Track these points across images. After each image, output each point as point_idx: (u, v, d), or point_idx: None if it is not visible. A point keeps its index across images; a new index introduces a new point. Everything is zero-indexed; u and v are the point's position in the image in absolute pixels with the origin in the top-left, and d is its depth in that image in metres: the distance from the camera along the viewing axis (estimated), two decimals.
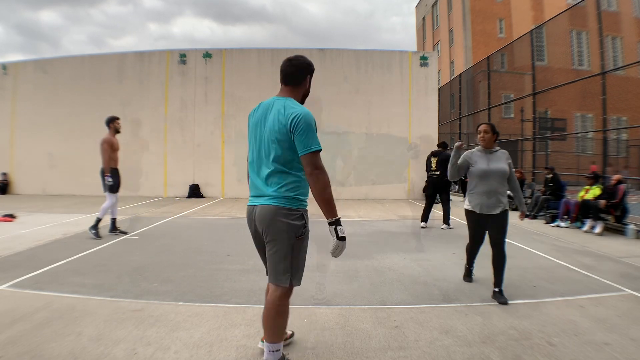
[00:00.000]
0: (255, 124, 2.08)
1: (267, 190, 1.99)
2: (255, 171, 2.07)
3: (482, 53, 20.06)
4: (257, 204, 2.03)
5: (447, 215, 6.94)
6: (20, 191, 12.82)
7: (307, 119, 1.92)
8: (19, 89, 13.01)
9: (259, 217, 2.00)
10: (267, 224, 1.98)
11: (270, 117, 1.99)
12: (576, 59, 11.60)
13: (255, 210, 2.03)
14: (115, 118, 5.84)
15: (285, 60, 2.09)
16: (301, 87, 2.10)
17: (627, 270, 4.28)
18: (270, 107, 2.02)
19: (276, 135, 1.94)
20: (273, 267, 2.01)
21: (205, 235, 6.20)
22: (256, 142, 2.06)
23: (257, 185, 2.05)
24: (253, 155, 2.08)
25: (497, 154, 3.43)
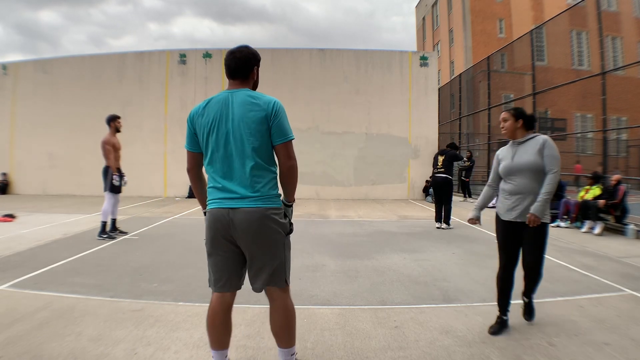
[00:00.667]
0: (213, 120, 1.85)
1: (247, 191, 1.83)
2: (222, 171, 1.86)
3: (482, 53, 20.06)
4: (235, 207, 1.82)
5: (448, 215, 6.92)
6: (20, 191, 12.82)
7: (282, 107, 1.88)
8: (19, 89, 13.01)
9: (244, 222, 1.81)
10: (255, 229, 1.82)
11: (238, 110, 1.83)
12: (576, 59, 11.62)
13: (232, 214, 1.82)
14: (115, 117, 5.79)
15: (228, 53, 1.95)
16: (250, 79, 1.97)
17: (627, 270, 4.28)
18: (229, 101, 1.86)
19: (253, 127, 1.82)
20: (269, 271, 1.88)
21: None
22: (220, 140, 1.84)
23: (228, 186, 1.85)
24: (215, 155, 1.86)
25: (528, 144, 2.69)
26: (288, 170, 1.89)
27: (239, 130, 1.83)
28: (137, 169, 12.40)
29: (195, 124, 1.91)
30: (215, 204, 1.87)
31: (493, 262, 4.54)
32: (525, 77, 10.92)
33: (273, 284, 1.91)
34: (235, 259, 1.91)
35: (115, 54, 13.25)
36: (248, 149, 1.83)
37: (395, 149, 12.42)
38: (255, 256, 1.87)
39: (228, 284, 1.93)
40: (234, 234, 1.84)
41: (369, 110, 12.48)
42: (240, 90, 1.90)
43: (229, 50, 1.96)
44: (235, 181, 1.85)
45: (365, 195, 12.35)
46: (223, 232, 1.85)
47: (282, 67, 12.55)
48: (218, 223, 1.85)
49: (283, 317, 1.94)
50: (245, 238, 1.83)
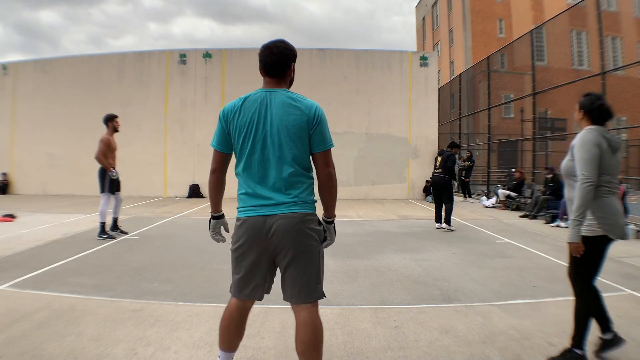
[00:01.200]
0: (250, 121, 1.74)
1: (284, 197, 1.73)
2: (257, 177, 1.77)
3: (482, 53, 20.06)
4: (272, 213, 1.72)
5: (448, 214, 6.80)
6: (20, 191, 12.82)
7: (323, 113, 1.78)
8: (19, 89, 13.01)
9: (282, 229, 1.70)
10: (293, 236, 1.71)
11: (277, 112, 1.72)
12: (576, 59, 11.61)
13: (269, 221, 1.71)
14: (113, 116, 5.73)
15: (264, 48, 1.82)
16: (287, 76, 1.85)
17: (627, 270, 4.28)
18: (267, 101, 1.75)
19: (293, 132, 1.71)
20: (304, 283, 1.74)
21: (205, 235, 6.18)
22: (257, 143, 1.74)
23: (263, 193, 1.75)
24: (251, 159, 1.76)
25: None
26: (327, 178, 1.78)
27: (277, 135, 1.72)
28: (137, 169, 12.42)
29: (229, 123, 1.79)
30: (249, 212, 1.77)
31: (493, 262, 4.56)
32: (525, 77, 10.93)
33: (308, 299, 1.76)
34: (264, 269, 1.81)
35: (115, 54, 13.26)
36: (287, 154, 1.72)
37: (395, 149, 12.42)
38: (291, 264, 1.74)
39: (252, 294, 1.86)
40: (270, 242, 1.73)
41: (369, 110, 12.48)
42: (278, 91, 1.78)
43: (265, 45, 1.83)
44: (271, 187, 1.74)
45: (365, 195, 12.36)
46: (258, 240, 1.75)
47: None
48: (253, 231, 1.75)
49: (312, 334, 1.74)
50: (283, 244, 1.72)
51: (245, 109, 1.76)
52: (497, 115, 13.04)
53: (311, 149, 1.78)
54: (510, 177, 11.26)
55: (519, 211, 9.15)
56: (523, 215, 8.44)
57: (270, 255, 1.77)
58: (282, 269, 1.79)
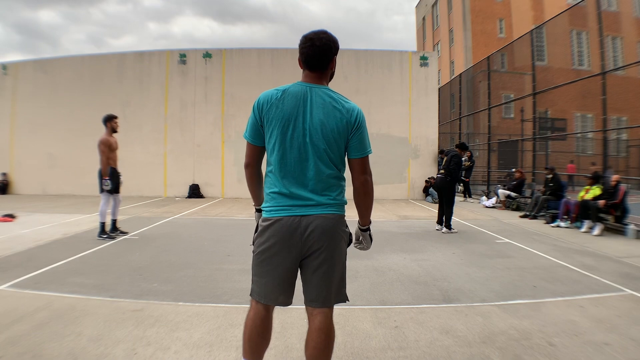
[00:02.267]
0: (289, 116, 1.64)
1: (322, 198, 1.68)
2: (293, 176, 1.66)
3: (482, 53, 20.06)
4: (309, 214, 1.65)
5: (448, 219, 6.55)
6: (20, 191, 12.82)
7: (364, 118, 1.72)
8: (19, 89, 13.01)
9: (320, 229, 1.65)
10: (330, 237, 1.67)
11: (317, 112, 1.64)
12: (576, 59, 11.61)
13: (305, 221, 1.65)
14: (112, 117, 5.70)
15: (306, 40, 1.69)
16: (329, 70, 1.76)
17: (627, 270, 4.28)
18: (308, 98, 1.66)
19: (331, 136, 1.64)
20: (329, 286, 1.72)
21: (205, 235, 6.20)
22: (295, 140, 1.64)
23: (299, 193, 1.66)
24: (288, 156, 1.66)
25: None
26: (362, 185, 1.72)
27: (317, 134, 1.63)
28: (137, 169, 12.42)
29: (264, 114, 1.66)
30: (283, 212, 1.66)
31: (493, 262, 4.56)
32: (525, 77, 10.93)
33: (332, 302, 1.76)
34: (292, 274, 1.73)
35: (115, 54, 13.26)
36: (325, 156, 1.65)
37: (395, 149, 12.41)
38: (323, 265, 1.69)
39: (278, 299, 1.76)
40: (305, 244, 1.65)
41: (369, 110, 12.45)
42: (320, 88, 1.69)
43: (306, 37, 1.70)
44: (308, 187, 1.66)
45: None
46: (291, 241, 1.65)
47: (282, 67, 12.54)
48: (286, 232, 1.65)
49: (326, 340, 1.71)
50: (318, 245, 1.66)
51: (285, 102, 1.65)
52: (497, 115, 13.03)
53: (348, 154, 1.71)
54: (511, 177, 11.26)
55: (519, 211, 9.15)
56: (523, 215, 8.44)
57: (300, 257, 1.69)
58: (311, 270, 1.70)
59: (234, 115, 12.47)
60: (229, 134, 12.50)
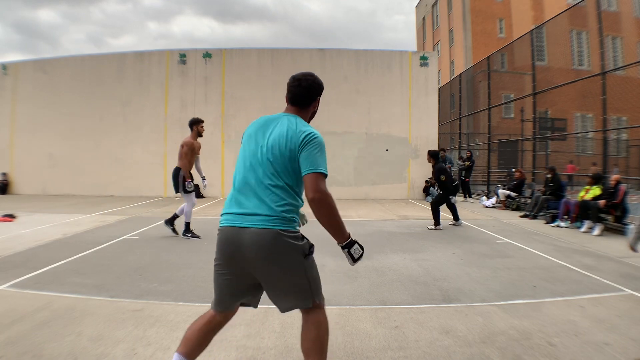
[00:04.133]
0: (252, 133, 1.86)
1: (260, 209, 1.70)
2: (242, 185, 1.78)
3: (482, 53, 20.05)
4: (244, 226, 1.69)
5: (455, 211, 7.17)
6: (20, 191, 12.82)
7: (321, 141, 1.77)
8: (19, 89, 13.01)
9: (255, 243, 1.67)
10: (267, 250, 1.68)
11: (277, 129, 1.78)
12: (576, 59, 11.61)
13: (242, 233, 1.69)
14: (199, 120, 5.72)
15: (293, 80, 1.90)
16: (310, 108, 1.94)
17: (627, 270, 4.28)
18: (276, 120, 1.83)
19: (282, 149, 1.74)
20: (290, 295, 1.77)
21: (205, 235, 6.20)
22: (250, 153, 1.81)
23: (242, 201, 1.75)
24: (244, 166, 1.81)
25: None
26: (311, 202, 1.69)
27: (270, 148, 1.76)
28: (137, 169, 12.43)
29: (244, 135, 1.92)
30: (225, 222, 1.76)
31: (493, 262, 4.56)
32: (525, 77, 10.93)
33: (299, 307, 1.80)
34: (243, 281, 1.78)
35: (115, 54, 13.26)
36: (272, 167, 1.74)
37: (395, 149, 12.41)
38: (266, 283, 1.76)
39: (229, 307, 1.86)
40: (243, 256, 1.71)
41: (369, 110, 12.48)
42: (291, 116, 1.85)
43: (295, 77, 1.91)
44: (249, 197, 1.74)
45: (366, 195, 12.35)
46: (231, 253, 1.74)
47: (282, 67, 12.54)
48: (227, 244, 1.74)
49: (315, 331, 1.79)
50: (253, 261, 1.70)
51: (255, 124, 1.90)
52: (497, 115, 13.03)
53: (301, 171, 1.73)
54: (511, 177, 11.25)
55: (519, 211, 9.15)
56: (523, 215, 8.44)
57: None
58: (263, 285, 1.79)
59: (234, 115, 12.47)
60: (228, 134, 12.50)
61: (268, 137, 1.79)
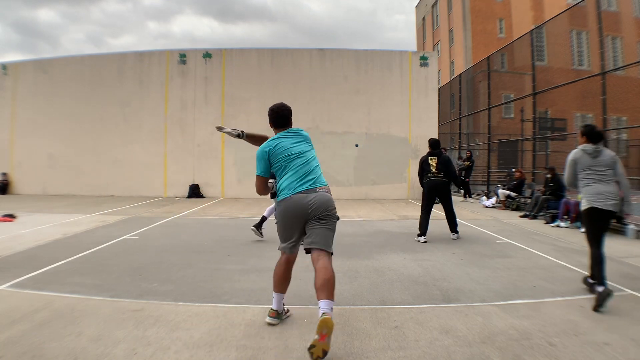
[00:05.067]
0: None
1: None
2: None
3: (482, 53, 20.06)
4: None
5: (454, 221, 6.14)
6: (20, 191, 12.82)
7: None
8: (19, 89, 13.02)
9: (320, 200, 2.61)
10: (326, 206, 2.62)
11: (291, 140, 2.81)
12: (576, 59, 11.61)
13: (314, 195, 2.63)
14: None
15: (273, 111, 2.82)
16: (290, 126, 2.87)
17: (627, 270, 4.28)
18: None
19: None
20: (327, 238, 2.62)
21: (205, 235, 6.20)
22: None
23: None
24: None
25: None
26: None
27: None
28: (137, 169, 12.43)
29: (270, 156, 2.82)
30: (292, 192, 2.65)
31: (493, 262, 4.56)
32: (525, 77, 10.93)
33: (326, 247, 2.62)
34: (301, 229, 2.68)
35: (115, 54, 13.27)
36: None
37: (395, 149, 12.41)
38: (317, 225, 2.63)
39: (294, 249, 2.75)
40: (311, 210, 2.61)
41: (369, 110, 12.48)
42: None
43: (273, 109, 2.82)
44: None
45: (365, 195, 12.36)
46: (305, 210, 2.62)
47: (282, 67, 12.55)
48: (303, 204, 2.61)
49: (331, 272, 2.50)
50: (314, 212, 2.61)
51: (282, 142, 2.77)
52: (497, 115, 13.03)
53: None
54: (511, 177, 11.25)
55: (519, 211, 9.15)
56: (523, 215, 8.44)
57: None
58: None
59: (234, 115, 12.47)
60: None
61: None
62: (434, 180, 6.04)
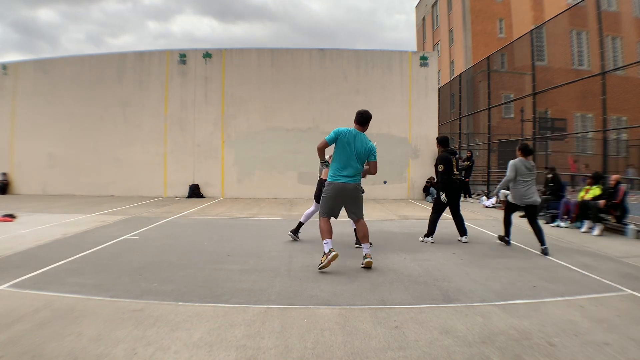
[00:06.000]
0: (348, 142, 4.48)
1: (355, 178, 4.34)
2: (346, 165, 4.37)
3: (482, 53, 20.05)
4: (348, 182, 4.28)
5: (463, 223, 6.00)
6: (20, 191, 12.82)
7: (375, 148, 4.59)
8: (19, 89, 13.01)
9: (350, 191, 4.31)
10: (354, 192, 4.33)
11: (359, 143, 4.53)
12: (576, 59, 11.61)
13: (347, 186, 4.29)
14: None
15: (360, 114, 4.75)
16: (367, 127, 4.76)
17: (627, 270, 4.28)
18: (357, 136, 4.60)
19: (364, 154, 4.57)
20: (361, 210, 4.41)
21: (205, 235, 6.20)
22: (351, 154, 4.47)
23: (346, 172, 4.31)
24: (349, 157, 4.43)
25: None
26: (374, 169, 4.71)
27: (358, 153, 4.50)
28: (137, 169, 12.43)
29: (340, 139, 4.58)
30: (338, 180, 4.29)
31: (493, 262, 4.56)
32: (525, 77, 10.92)
33: (362, 216, 4.44)
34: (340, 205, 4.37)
35: (115, 54, 13.26)
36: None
37: (395, 149, 12.41)
38: (351, 204, 4.37)
39: (335, 216, 4.38)
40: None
41: (369, 110, 12.44)
42: (362, 134, 4.69)
43: (359, 112, 4.75)
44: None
45: (365, 195, 12.32)
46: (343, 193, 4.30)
47: (282, 67, 12.55)
48: (338, 189, 4.27)
49: (365, 228, 4.36)
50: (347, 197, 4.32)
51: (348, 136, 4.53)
52: (497, 115, 13.03)
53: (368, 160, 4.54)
54: None
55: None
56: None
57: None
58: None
59: (234, 115, 12.47)
60: (228, 134, 12.50)
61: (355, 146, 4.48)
62: (456, 181, 5.88)
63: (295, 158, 12.26)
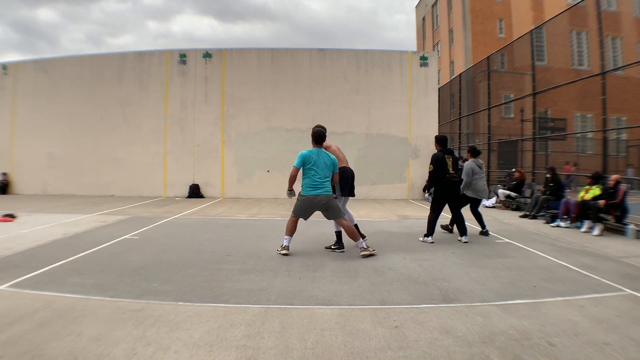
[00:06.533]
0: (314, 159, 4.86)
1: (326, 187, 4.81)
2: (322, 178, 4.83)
3: (482, 53, 20.05)
4: (320, 194, 4.76)
5: (463, 221, 5.95)
6: (20, 191, 12.82)
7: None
8: (19, 89, 13.01)
9: (323, 200, 4.77)
10: (327, 201, 4.77)
11: (322, 157, 4.90)
12: (576, 59, 11.60)
13: (318, 197, 4.77)
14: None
15: (315, 131, 5.07)
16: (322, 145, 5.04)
17: (627, 270, 4.28)
18: (319, 153, 4.93)
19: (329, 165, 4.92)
20: (337, 213, 4.84)
21: (205, 235, 6.20)
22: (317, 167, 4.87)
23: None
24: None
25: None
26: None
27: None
28: (137, 169, 12.43)
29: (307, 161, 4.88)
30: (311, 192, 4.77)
31: (493, 262, 4.56)
32: (525, 77, 10.92)
33: (341, 217, 4.90)
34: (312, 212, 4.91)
35: (115, 54, 13.25)
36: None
37: (395, 149, 12.41)
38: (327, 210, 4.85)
39: (305, 219, 4.93)
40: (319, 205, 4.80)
41: (369, 110, 12.47)
42: (321, 150, 4.98)
43: (315, 130, 5.09)
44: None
45: (366, 195, 12.34)
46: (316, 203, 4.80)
47: (282, 67, 12.55)
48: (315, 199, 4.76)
49: (352, 228, 4.84)
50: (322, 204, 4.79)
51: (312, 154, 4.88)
52: (497, 115, 13.02)
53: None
54: (510, 177, 11.25)
55: (519, 211, 9.15)
56: (523, 215, 8.44)
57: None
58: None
59: (234, 115, 12.47)
60: (229, 134, 12.50)
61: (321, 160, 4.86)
62: (452, 180, 5.80)
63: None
